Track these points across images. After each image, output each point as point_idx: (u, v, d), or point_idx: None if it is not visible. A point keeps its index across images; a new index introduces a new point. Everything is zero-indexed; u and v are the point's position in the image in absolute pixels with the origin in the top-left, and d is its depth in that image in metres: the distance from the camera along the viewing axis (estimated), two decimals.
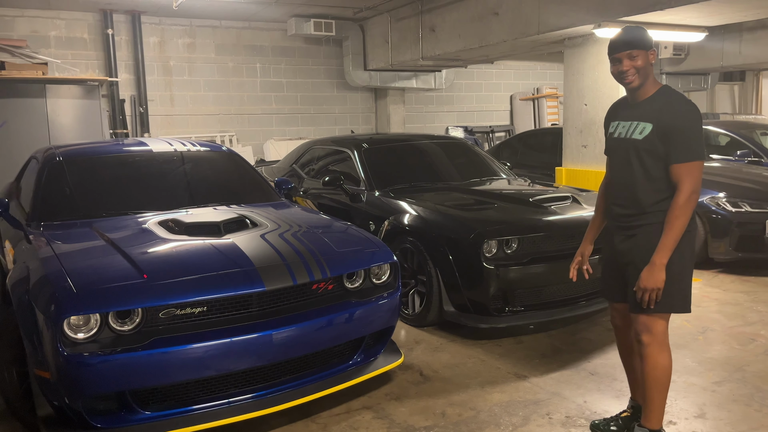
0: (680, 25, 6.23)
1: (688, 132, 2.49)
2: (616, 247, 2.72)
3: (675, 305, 2.61)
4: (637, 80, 2.61)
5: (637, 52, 2.58)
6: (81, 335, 2.65)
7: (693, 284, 5.50)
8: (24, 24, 8.58)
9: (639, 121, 2.60)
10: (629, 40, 2.61)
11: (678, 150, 2.49)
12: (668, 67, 11.59)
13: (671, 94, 2.60)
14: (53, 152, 4.33)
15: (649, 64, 2.60)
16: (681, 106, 2.53)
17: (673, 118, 2.51)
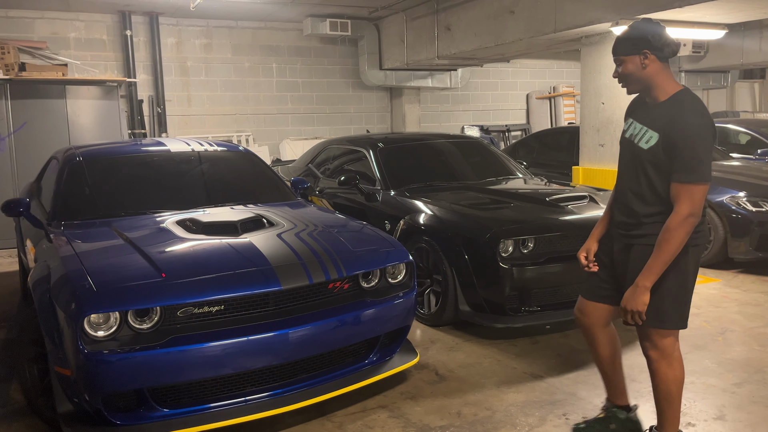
0: (699, 23, 6.16)
1: (695, 150, 2.30)
2: (614, 254, 2.64)
3: (667, 321, 2.50)
4: (631, 86, 2.50)
5: (623, 58, 2.45)
6: (101, 333, 2.69)
7: (712, 285, 5.47)
8: (44, 26, 8.70)
9: (648, 129, 2.44)
10: (614, 46, 2.49)
11: (681, 168, 2.31)
12: (687, 64, 11.46)
13: (685, 102, 2.39)
14: (73, 152, 4.39)
15: (642, 68, 2.41)
16: (692, 119, 2.33)
17: (681, 132, 2.31)
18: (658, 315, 2.48)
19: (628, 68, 2.44)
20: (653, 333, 2.53)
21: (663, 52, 2.41)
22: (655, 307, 2.46)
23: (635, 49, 2.41)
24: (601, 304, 2.74)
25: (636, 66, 2.42)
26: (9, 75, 7.64)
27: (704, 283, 5.54)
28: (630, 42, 2.43)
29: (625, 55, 2.44)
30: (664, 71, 2.44)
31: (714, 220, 5.92)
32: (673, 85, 2.45)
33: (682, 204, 2.32)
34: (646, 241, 2.46)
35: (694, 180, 2.30)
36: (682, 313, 2.53)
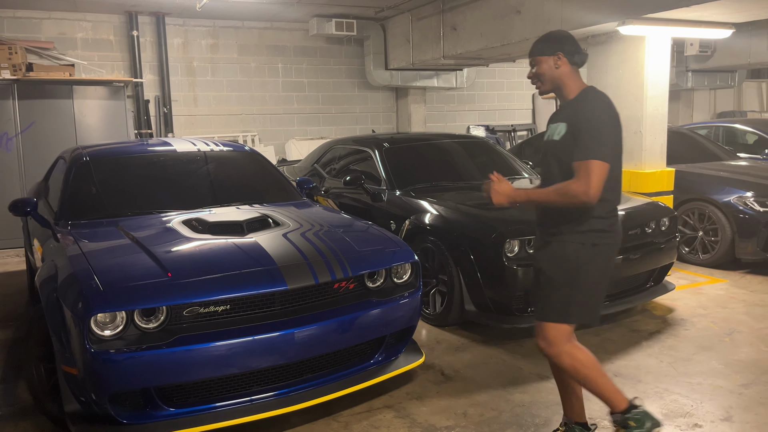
0: (706, 22, 6.12)
1: (592, 132, 2.43)
2: (535, 252, 2.71)
3: (550, 315, 2.57)
4: (543, 86, 2.65)
5: (538, 59, 2.63)
6: (107, 332, 2.70)
7: (720, 285, 5.44)
8: (51, 26, 8.74)
9: (559, 122, 2.58)
10: (531, 49, 2.67)
11: (580, 148, 2.44)
12: (694, 64, 11.41)
13: (589, 95, 2.56)
14: (80, 152, 4.41)
15: (554, 68, 2.59)
16: (593, 107, 2.49)
17: (583, 117, 2.47)
18: (544, 306, 2.59)
19: (542, 68, 2.62)
20: (545, 327, 2.59)
21: (574, 57, 2.61)
22: (547, 301, 2.58)
23: (550, 50, 2.61)
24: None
25: (549, 66, 2.60)
26: (16, 75, 7.68)
27: (711, 283, 5.52)
28: (546, 44, 2.63)
29: (540, 55, 2.62)
30: (574, 74, 2.63)
31: (721, 220, 5.89)
32: (580, 85, 2.63)
33: (575, 179, 2.42)
34: (561, 238, 2.56)
35: (589, 156, 2.40)
36: (571, 309, 2.56)
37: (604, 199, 2.49)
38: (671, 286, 4.84)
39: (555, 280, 2.55)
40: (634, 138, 6.24)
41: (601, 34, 6.38)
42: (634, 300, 4.56)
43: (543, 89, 2.68)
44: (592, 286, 2.57)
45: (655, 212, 4.74)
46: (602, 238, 2.54)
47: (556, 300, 2.56)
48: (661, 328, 4.43)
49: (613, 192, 2.56)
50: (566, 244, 2.54)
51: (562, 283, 2.54)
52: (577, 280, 2.52)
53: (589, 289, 2.56)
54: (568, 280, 2.53)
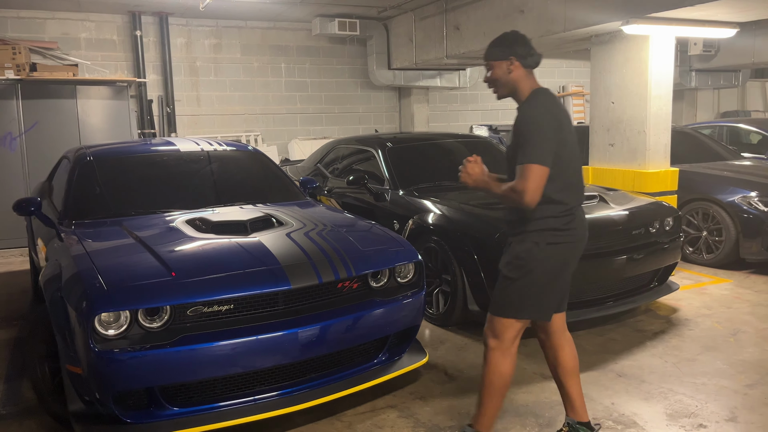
0: (710, 21, 6.11)
1: (530, 136, 2.48)
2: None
3: (501, 309, 2.63)
4: (499, 90, 2.68)
5: (492, 63, 2.65)
6: (111, 332, 2.70)
7: (724, 285, 5.43)
8: (55, 26, 8.75)
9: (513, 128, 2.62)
10: (485, 53, 2.68)
11: (520, 152, 2.49)
12: (698, 63, 11.37)
13: (532, 98, 2.60)
14: (84, 152, 4.42)
15: (507, 73, 2.61)
16: (532, 111, 2.54)
17: (522, 121, 2.54)
18: (498, 302, 2.64)
19: (496, 73, 2.65)
20: (495, 320, 2.65)
21: (527, 60, 2.62)
22: (498, 295, 2.65)
23: (502, 55, 2.62)
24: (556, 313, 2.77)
25: (503, 71, 2.62)
26: (20, 75, 7.70)
27: (715, 283, 5.50)
28: (498, 49, 2.64)
29: (493, 60, 2.64)
30: (527, 77, 2.65)
31: (726, 220, 5.88)
32: (531, 88, 2.64)
33: (516, 181, 2.49)
34: (519, 237, 2.62)
35: (526, 160, 2.46)
36: (524, 305, 2.62)
37: (556, 200, 2.55)
38: (675, 286, 4.83)
39: (509, 276, 2.61)
40: (637, 138, 6.23)
41: (605, 34, 6.37)
42: (638, 300, 4.55)
43: (499, 93, 2.71)
44: (545, 284, 2.61)
45: (659, 212, 4.73)
46: (558, 237, 2.57)
47: (509, 295, 2.62)
48: (665, 328, 4.42)
49: (567, 192, 2.59)
50: (522, 243, 2.60)
51: (515, 279, 2.59)
52: (529, 277, 2.58)
53: (542, 287, 2.61)
54: (521, 276, 2.58)
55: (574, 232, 2.63)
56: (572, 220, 2.62)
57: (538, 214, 2.56)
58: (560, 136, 2.53)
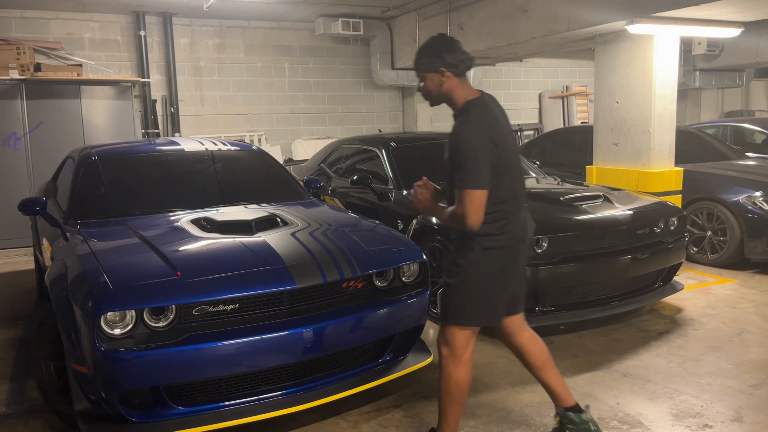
0: (715, 21, 6.09)
1: (464, 162, 2.43)
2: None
3: (448, 317, 2.63)
4: (433, 101, 2.63)
5: (423, 75, 2.58)
6: (117, 331, 2.71)
7: (728, 285, 5.42)
8: (59, 26, 8.77)
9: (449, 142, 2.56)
10: (415, 63, 2.61)
11: (457, 176, 2.46)
12: (702, 63, 11.35)
13: (464, 112, 2.55)
14: (89, 152, 4.42)
15: (440, 85, 2.55)
16: (462, 130, 2.48)
17: (454, 141, 2.49)
18: (444, 310, 2.65)
19: (428, 85, 2.59)
20: (444, 328, 2.66)
21: (458, 68, 2.56)
22: (443, 302, 2.66)
23: (433, 67, 2.55)
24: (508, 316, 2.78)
25: (434, 83, 2.56)
26: (25, 75, 7.72)
27: (720, 283, 5.49)
28: (428, 60, 2.56)
29: (425, 72, 2.57)
30: (461, 85, 2.59)
31: (730, 220, 5.86)
32: (466, 96, 2.59)
33: (457, 205, 2.47)
34: (457, 244, 2.63)
35: (464, 186, 2.43)
36: (467, 311, 2.61)
37: (489, 211, 2.52)
38: (680, 286, 4.82)
39: (449, 284, 2.62)
40: (642, 137, 6.22)
41: (609, 33, 6.36)
42: (642, 300, 4.54)
43: (433, 104, 2.67)
44: (484, 289, 2.60)
45: (663, 212, 4.72)
46: (493, 242, 2.56)
47: (452, 303, 2.62)
48: (670, 328, 4.41)
49: (503, 202, 2.57)
50: (459, 249, 2.61)
51: (455, 286, 2.60)
52: (467, 283, 2.58)
53: (482, 292, 2.59)
54: (459, 283, 2.59)
55: (510, 236, 2.60)
56: (507, 224, 2.59)
57: None
58: (495, 152, 2.48)
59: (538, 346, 2.85)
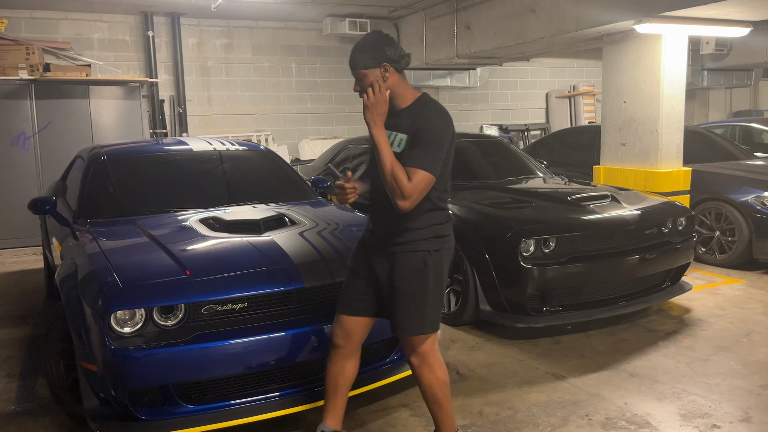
0: (723, 20, 6.07)
1: (431, 144, 2.40)
2: (374, 266, 2.59)
3: (410, 328, 2.53)
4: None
5: (364, 72, 2.47)
6: (127, 329, 2.72)
7: (737, 286, 5.40)
8: (68, 27, 8.82)
9: (397, 132, 2.49)
10: (354, 61, 2.49)
11: (413, 154, 2.40)
12: (710, 63, 11.30)
13: (428, 103, 2.51)
14: (98, 151, 4.45)
15: (383, 80, 2.45)
16: (434, 116, 2.45)
17: (424, 127, 2.42)
18: (413, 321, 2.52)
19: (369, 81, 2.45)
20: (412, 341, 2.56)
21: (400, 63, 2.50)
22: (405, 315, 2.51)
23: (375, 62, 2.45)
24: (362, 318, 2.68)
25: (377, 78, 2.45)
26: (34, 75, 7.77)
27: (728, 284, 5.47)
28: (369, 56, 2.45)
29: (366, 68, 2.46)
30: (403, 81, 2.53)
31: (738, 220, 5.84)
32: (413, 92, 2.55)
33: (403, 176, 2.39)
34: (407, 248, 2.50)
35: (419, 165, 2.37)
36: (435, 317, 2.57)
37: (440, 207, 2.53)
38: (688, 287, 4.81)
39: (408, 291, 2.50)
40: (650, 137, 6.21)
41: (617, 33, 6.35)
42: (650, 300, 4.53)
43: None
44: (439, 291, 2.57)
45: (671, 212, 4.71)
46: (442, 244, 2.55)
47: (413, 311, 2.51)
48: (678, 328, 4.39)
49: (446, 200, 2.60)
50: (414, 254, 2.49)
51: (416, 292, 2.50)
52: (427, 287, 2.51)
53: (438, 294, 2.57)
54: (421, 288, 2.50)
55: (451, 239, 2.61)
56: (450, 227, 2.61)
57: (426, 222, 2.50)
58: (450, 149, 2.50)
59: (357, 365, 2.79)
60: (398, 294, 2.51)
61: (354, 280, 2.68)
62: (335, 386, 2.77)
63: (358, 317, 2.67)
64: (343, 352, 2.72)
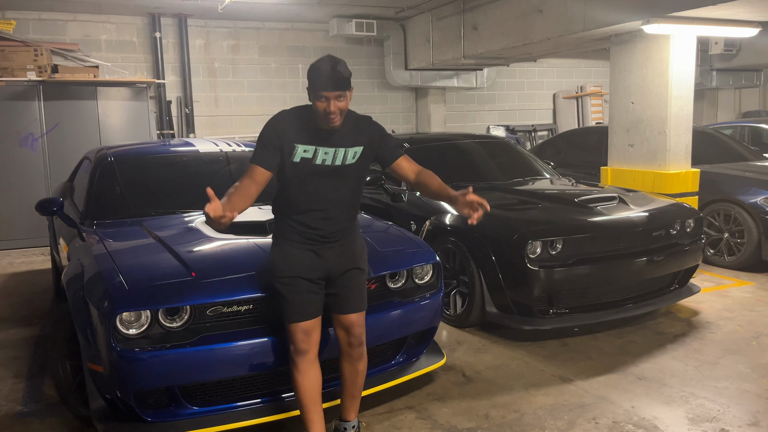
0: (732, 21, 6.02)
1: (389, 136, 2.84)
2: (327, 262, 2.70)
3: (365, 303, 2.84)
4: (340, 120, 2.58)
5: (346, 93, 2.55)
6: (132, 331, 2.72)
7: (746, 288, 5.36)
8: (76, 28, 8.86)
9: (347, 148, 2.65)
10: (341, 82, 2.51)
11: (396, 146, 2.82)
12: (719, 63, 11.22)
13: (357, 114, 2.78)
14: (105, 152, 4.46)
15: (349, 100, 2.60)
16: (372, 120, 2.82)
17: (376, 130, 2.77)
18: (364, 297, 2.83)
19: (347, 101, 2.58)
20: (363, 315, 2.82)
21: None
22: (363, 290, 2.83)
23: (349, 84, 2.58)
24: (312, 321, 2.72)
25: (348, 99, 2.59)
26: (42, 77, 7.80)
27: (738, 286, 5.43)
28: (347, 78, 2.56)
29: (348, 89, 2.57)
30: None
31: (747, 221, 5.79)
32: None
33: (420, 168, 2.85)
34: (355, 234, 2.83)
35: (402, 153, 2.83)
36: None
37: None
38: (696, 289, 4.77)
39: (365, 269, 2.85)
40: (658, 138, 6.17)
41: (625, 33, 6.32)
42: (658, 302, 4.50)
43: (339, 124, 2.59)
44: None
45: (679, 213, 4.67)
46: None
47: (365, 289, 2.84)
48: (686, 330, 4.36)
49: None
50: (357, 238, 2.85)
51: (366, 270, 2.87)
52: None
53: None
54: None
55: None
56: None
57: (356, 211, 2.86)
58: None
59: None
60: (361, 274, 2.81)
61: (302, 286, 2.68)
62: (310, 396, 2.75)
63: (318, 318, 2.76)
64: (314, 352, 2.76)
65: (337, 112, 2.54)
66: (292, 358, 2.72)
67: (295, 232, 2.70)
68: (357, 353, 2.82)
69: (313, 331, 2.72)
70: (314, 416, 2.75)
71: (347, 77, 2.54)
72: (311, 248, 2.70)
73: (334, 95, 2.51)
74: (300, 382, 2.71)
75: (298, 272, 2.68)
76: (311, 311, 2.70)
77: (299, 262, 2.69)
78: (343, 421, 2.94)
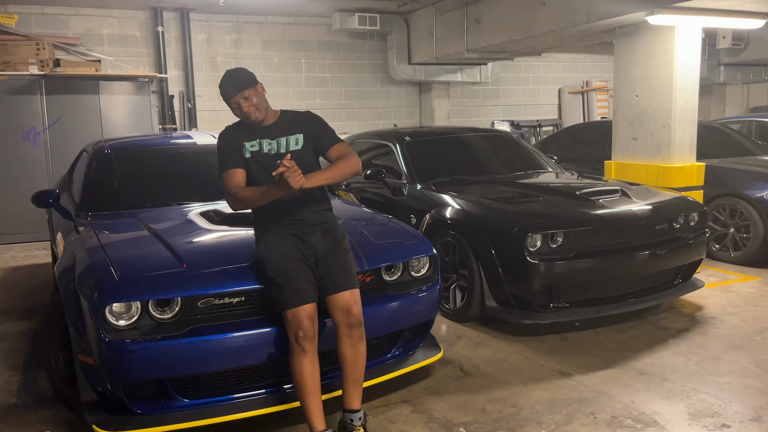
0: (739, 12, 5.93)
1: (327, 126, 3.00)
2: (313, 244, 2.83)
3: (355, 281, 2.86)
4: (261, 114, 2.86)
5: (248, 92, 2.81)
6: (122, 322, 2.69)
7: (751, 283, 5.29)
8: (78, 22, 8.85)
9: (288, 136, 2.90)
10: (237, 83, 2.82)
11: (332, 136, 2.96)
12: (727, 57, 11.09)
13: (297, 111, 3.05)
14: (102, 145, 4.44)
15: (263, 95, 2.89)
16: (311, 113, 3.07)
17: (313, 119, 3.01)
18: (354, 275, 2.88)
19: (258, 98, 2.85)
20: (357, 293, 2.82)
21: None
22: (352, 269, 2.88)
23: (254, 81, 2.87)
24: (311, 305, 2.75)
25: (259, 95, 2.87)
26: (44, 71, 7.80)
27: (742, 281, 5.35)
28: (249, 77, 2.86)
29: (252, 87, 2.84)
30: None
31: (753, 216, 5.71)
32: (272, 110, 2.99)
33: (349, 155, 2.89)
34: (332, 221, 2.96)
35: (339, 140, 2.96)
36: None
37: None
38: (700, 284, 4.70)
39: (349, 249, 2.94)
40: (662, 131, 6.08)
41: (629, 25, 6.23)
42: (660, 297, 4.44)
43: (262, 117, 2.87)
44: None
45: (683, 207, 4.60)
46: None
47: (353, 266, 2.92)
48: (689, 325, 4.30)
49: None
50: (336, 225, 2.98)
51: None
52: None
53: None
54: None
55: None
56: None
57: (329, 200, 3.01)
58: None
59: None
60: (347, 253, 2.90)
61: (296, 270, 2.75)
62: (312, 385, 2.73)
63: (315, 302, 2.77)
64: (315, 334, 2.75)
65: (251, 109, 2.83)
66: (293, 346, 2.69)
67: (275, 223, 2.84)
68: (357, 334, 2.79)
69: (313, 316, 2.72)
70: (315, 406, 2.72)
71: (247, 77, 2.85)
72: (294, 233, 2.82)
73: (240, 97, 2.81)
74: (301, 371, 2.69)
75: (289, 258, 2.76)
76: (309, 294, 2.74)
77: (286, 250, 2.78)
78: (349, 412, 2.81)
